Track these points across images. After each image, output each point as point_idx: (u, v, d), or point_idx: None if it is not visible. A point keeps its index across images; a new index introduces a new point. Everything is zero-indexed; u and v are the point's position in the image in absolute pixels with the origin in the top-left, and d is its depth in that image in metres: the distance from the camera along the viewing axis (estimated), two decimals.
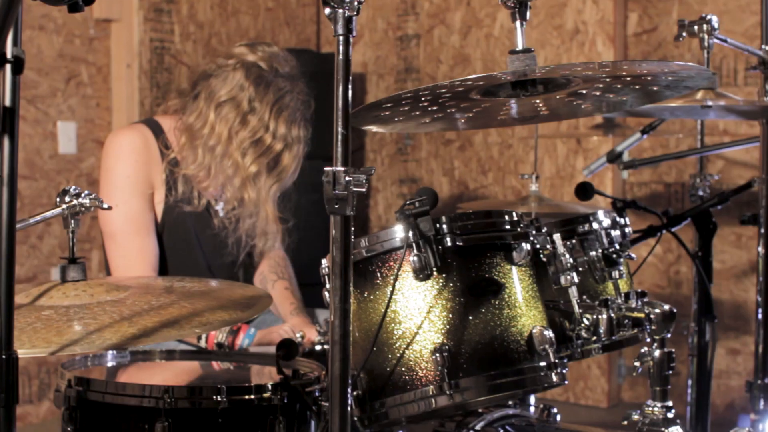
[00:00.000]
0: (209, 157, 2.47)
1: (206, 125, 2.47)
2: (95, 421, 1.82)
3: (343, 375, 1.47)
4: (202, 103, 2.50)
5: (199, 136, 2.48)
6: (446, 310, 1.73)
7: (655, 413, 1.87)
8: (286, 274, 2.68)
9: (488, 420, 2.01)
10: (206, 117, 2.48)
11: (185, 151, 2.51)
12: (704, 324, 2.36)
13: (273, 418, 1.81)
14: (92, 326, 1.48)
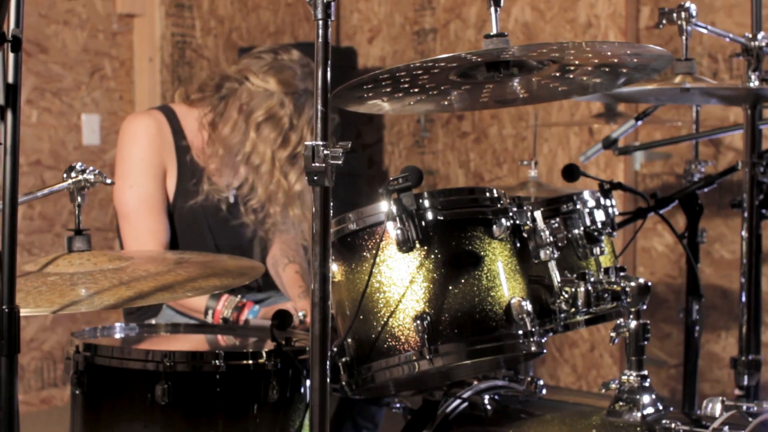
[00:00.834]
0: (253, 176, 2.58)
1: (247, 143, 2.56)
2: (101, 385, 1.94)
3: (322, 335, 1.57)
4: (236, 114, 2.57)
5: (239, 152, 2.57)
6: (427, 281, 1.83)
7: (631, 381, 1.96)
8: (297, 257, 2.79)
9: (476, 389, 2.11)
10: (246, 134, 2.56)
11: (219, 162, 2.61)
12: (691, 302, 2.45)
13: (267, 383, 1.93)
14: (93, 290, 1.60)
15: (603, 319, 2.14)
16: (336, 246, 1.93)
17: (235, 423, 1.91)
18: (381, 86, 1.75)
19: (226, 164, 2.66)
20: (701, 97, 2.26)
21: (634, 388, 1.95)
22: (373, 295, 1.86)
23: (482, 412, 2.03)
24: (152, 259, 1.87)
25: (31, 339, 4.22)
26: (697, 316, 2.46)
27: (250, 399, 1.93)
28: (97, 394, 1.95)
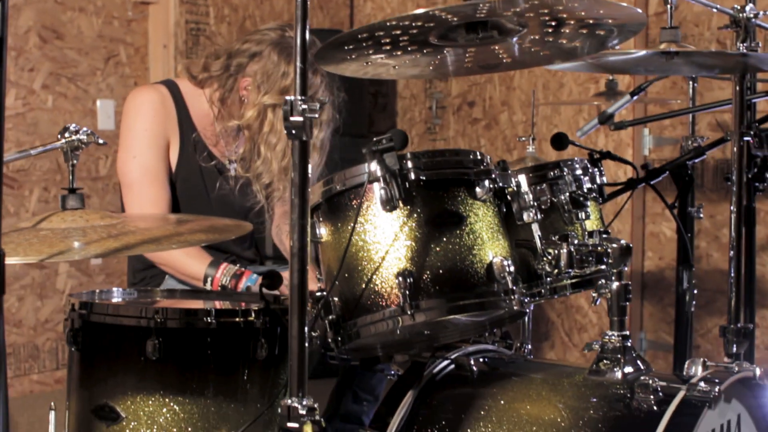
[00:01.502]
0: (271, 153, 2.63)
1: (266, 122, 2.62)
2: (96, 341, 2.00)
3: (300, 284, 1.62)
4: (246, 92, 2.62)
5: (259, 132, 2.63)
6: (410, 239, 1.87)
7: (613, 341, 1.99)
8: None
9: (464, 352, 2.15)
10: (263, 114, 2.62)
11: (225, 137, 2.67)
12: (682, 272, 2.48)
13: (256, 341, 1.98)
14: (81, 241, 1.66)
15: (590, 285, 2.17)
16: (323, 208, 1.98)
17: (224, 380, 1.97)
18: (363, 47, 1.79)
19: (230, 139, 2.72)
20: (689, 68, 2.29)
21: (616, 348, 1.99)
22: (357, 253, 1.91)
23: (468, 372, 2.07)
24: (143, 217, 1.93)
25: (46, 320, 4.31)
26: (687, 285, 2.49)
27: (240, 356, 1.98)
28: (91, 351, 2.01)
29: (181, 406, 1.95)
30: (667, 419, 1.78)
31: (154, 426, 1.95)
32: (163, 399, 1.95)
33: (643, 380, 1.86)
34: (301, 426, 1.65)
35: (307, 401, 1.64)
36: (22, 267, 4.22)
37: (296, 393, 1.65)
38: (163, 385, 1.95)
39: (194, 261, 2.57)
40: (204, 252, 2.60)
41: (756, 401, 2.03)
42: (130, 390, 1.96)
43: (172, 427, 1.95)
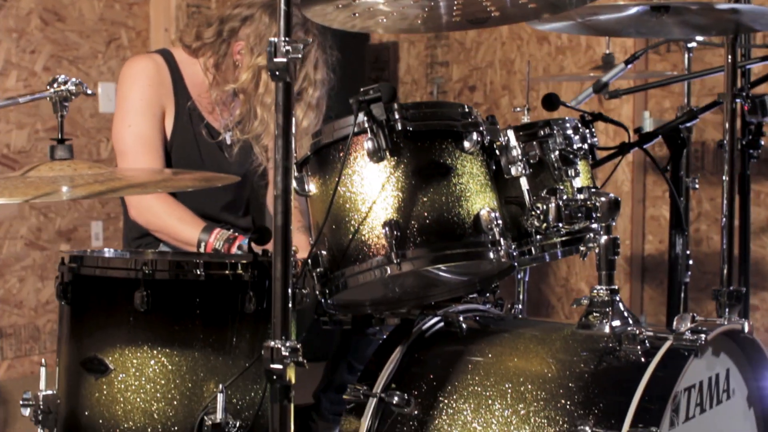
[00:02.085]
0: (268, 114, 2.64)
1: (260, 84, 2.63)
2: (86, 294, 2.02)
3: (284, 226, 1.63)
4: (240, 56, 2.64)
5: (254, 94, 2.64)
6: (397, 190, 1.87)
7: (601, 295, 1.99)
8: (298, 200, 2.85)
9: (453, 310, 2.15)
10: (259, 76, 2.63)
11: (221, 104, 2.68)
12: (675, 236, 2.47)
13: (244, 293, 1.98)
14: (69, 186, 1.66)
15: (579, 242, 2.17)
16: (311, 161, 1.98)
17: (213, 332, 1.97)
18: None
19: (225, 106, 2.73)
20: (680, 29, 2.29)
21: (605, 302, 1.99)
22: (344, 204, 1.91)
23: (457, 329, 2.07)
24: (131, 169, 1.94)
25: (47, 301, 4.32)
26: (679, 249, 2.49)
27: (228, 309, 1.98)
28: (81, 304, 2.02)
29: (169, 358, 1.96)
30: (652, 367, 1.77)
31: (142, 378, 1.95)
32: (151, 351, 1.96)
33: (631, 331, 1.86)
34: (284, 367, 1.65)
35: (290, 343, 1.64)
36: (23, 248, 4.24)
37: (279, 335, 1.65)
38: (151, 337, 1.96)
39: (187, 227, 2.58)
40: (197, 218, 2.61)
41: (745, 356, 2.02)
42: (118, 342, 1.97)
43: (160, 379, 1.95)
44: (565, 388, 1.83)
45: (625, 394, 1.75)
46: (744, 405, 2.06)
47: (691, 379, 1.84)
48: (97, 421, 1.98)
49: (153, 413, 1.95)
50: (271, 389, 1.67)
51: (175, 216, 2.60)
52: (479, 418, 1.87)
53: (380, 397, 1.98)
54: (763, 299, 4.30)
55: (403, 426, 1.95)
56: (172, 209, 2.61)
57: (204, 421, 1.93)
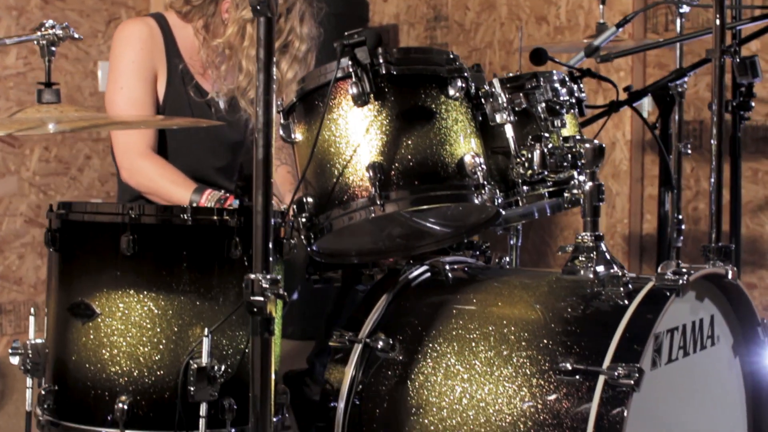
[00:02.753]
0: (253, 67, 2.65)
1: (246, 37, 2.64)
2: (74, 240, 2.03)
3: (265, 160, 1.64)
4: (227, 14, 2.66)
5: (240, 47, 2.65)
6: (381, 133, 1.89)
7: (586, 241, 2.00)
8: (289, 159, 2.86)
9: (441, 260, 2.16)
10: (244, 29, 2.65)
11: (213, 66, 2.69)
12: (664, 193, 2.48)
13: (230, 239, 1.99)
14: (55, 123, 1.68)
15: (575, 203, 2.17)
16: (297, 109, 2.00)
17: (199, 277, 1.98)
18: None
19: (218, 69, 2.74)
20: None
21: (589, 248, 1.99)
22: (329, 149, 1.92)
23: (443, 277, 2.08)
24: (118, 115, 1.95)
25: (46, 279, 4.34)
26: (668, 207, 2.50)
27: (214, 255, 1.99)
28: (69, 251, 2.03)
29: (155, 302, 1.97)
30: (634, 306, 1.78)
31: (128, 322, 1.97)
32: (137, 295, 1.97)
33: (614, 274, 1.87)
34: (265, 300, 1.66)
35: (271, 275, 1.65)
36: (23, 225, 4.26)
37: (260, 268, 1.66)
38: (137, 282, 1.97)
39: (179, 188, 2.58)
40: (189, 180, 2.62)
41: (729, 303, 2.03)
42: (105, 287, 1.98)
43: (146, 324, 1.96)
44: (548, 328, 1.84)
45: (607, 333, 1.76)
46: (729, 353, 2.06)
47: (674, 321, 1.85)
48: (83, 365, 1.99)
49: (139, 357, 1.97)
50: (251, 322, 1.68)
51: (167, 178, 2.61)
52: (462, 360, 1.88)
53: (365, 342, 1.99)
54: (761, 277, 4.30)
55: (387, 370, 1.96)
56: (164, 171, 2.62)
57: (189, 365, 1.94)
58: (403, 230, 2.15)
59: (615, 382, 1.68)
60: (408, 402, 1.90)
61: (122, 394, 1.96)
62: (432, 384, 1.89)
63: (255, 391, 1.69)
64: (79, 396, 2.00)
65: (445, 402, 1.86)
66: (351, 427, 1.97)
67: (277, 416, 2.15)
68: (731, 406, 2.08)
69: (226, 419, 1.99)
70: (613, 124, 4.55)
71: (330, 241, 2.06)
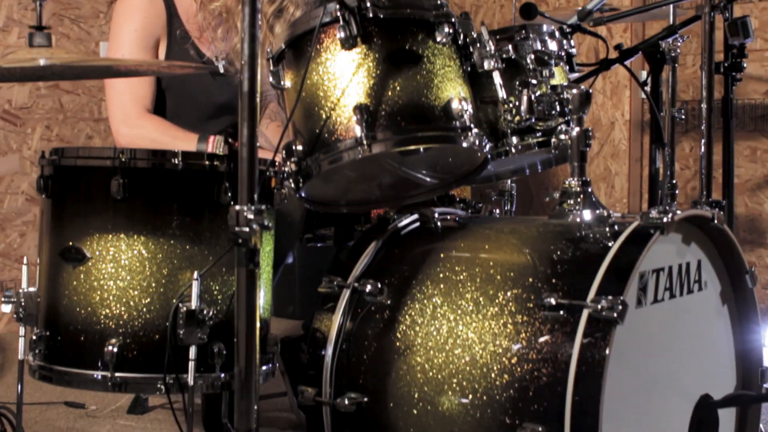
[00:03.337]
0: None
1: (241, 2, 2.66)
2: (65, 185, 2.04)
3: (250, 91, 1.65)
4: None
5: (235, 9, 2.67)
6: (368, 76, 1.90)
7: (573, 186, 2.01)
8: (279, 116, 2.87)
9: (431, 210, 2.16)
10: None
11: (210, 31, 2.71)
12: (654, 150, 2.49)
13: (220, 185, 2.01)
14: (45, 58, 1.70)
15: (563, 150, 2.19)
16: (287, 56, 2.01)
17: (189, 222, 1.99)
18: None
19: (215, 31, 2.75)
20: None
21: (577, 192, 2.00)
22: (316, 92, 1.94)
23: (432, 225, 2.09)
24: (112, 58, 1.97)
25: None
26: (659, 165, 2.50)
27: (204, 200, 2.01)
28: (61, 196, 2.05)
29: (145, 246, 1.98)
30: (619, 243, 1.79)
31: (118, 266, 1.98)
32: (128, 239, 1.98)
33: (600, 215, 1.88)
34: (250, 230, 1.68)
35: (256, 206, 1.67)
36: (24, 203, 4.29)
37: (245, 200, 1.68)
38: (128, 226, 1.98)
39: (183, 142, 2.58)
40: (189, 132, 2.62)
41: (716, 249, 2.03)
42: (96, 231, 1.99)
43: (136, 267, 1.98)
44: (534, 269, 1.85)
45: (591, 269, 1.77)
46: (717, 300, 2.07)
47: (659, 262, 1.86)
48: (74, 309, 2.00)
49: (129, 301, 1.98)
50: (236, 252, 1.70)
51: (169, 134, 2.62)
52: (449, 301, 1.89)
53: (353, 287, 2.00)
54: (760, 256, 4.30)
55: (375, 314, 1.97)
56: (164, 127, 2.63)
57: (179, 308, 1.96)
58: (393, 180, 2.16)
59: (598, 314, 1.69)
60: (395, 344, 1.92)
61: (112, 337, 1.97)
62: (419, 325, 1.90)
63: (240, 323, 1.70)
64: (69, 340, 2.02)
65: (432, 342, 1.87)
66: (339, 373, 1.98)
67: (267, 365, 2.17)
68: (720, 354, 2.09)
69: (216, 363, 2.01)
70: (612, 104, 4.57)
71: (319, 187, 2.08)
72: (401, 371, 1.89)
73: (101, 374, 1.98)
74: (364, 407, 1.93)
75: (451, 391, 1.82)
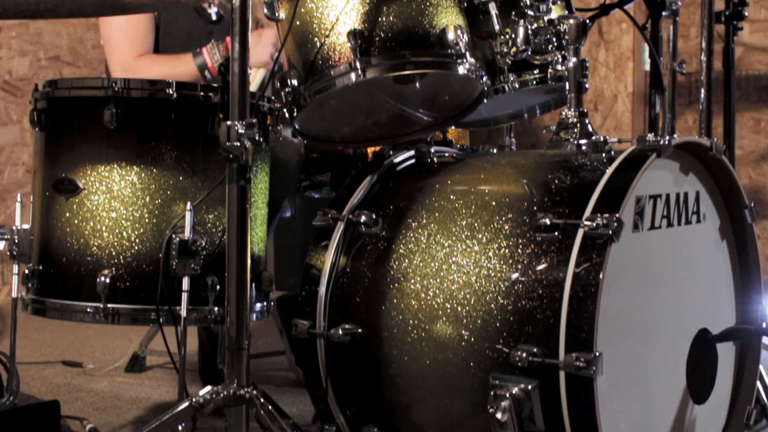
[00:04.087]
0: None
1: None
2: (59, 117, 2.03)
3: (242, 6, 1.64)
4: None
5: None
6: (362, 2, 1.89)
7: (569, 116, 1.99)
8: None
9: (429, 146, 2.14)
10: None
11: None
12: (654, 96, 2.47)
13: (213, 116, 1.99)
14: None
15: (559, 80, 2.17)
16: None
17: (182, 152, 1.98)
18: None
19: None
20: None
21: (573, 123, 1.99)
22: (310, 21, 1.92)
23: (428, 160, 2.07)
24: None
25: None
26: (659, 110, 2.48)
27: (198, 130, 1.99)
28: (54, 128, 2.04)
29: (138, 176, 1.97)
30: (614, 165, 1.77)
31: (111, 196, 1.97)
32: (121, 169, 1.97)
33: (596, 141, 1.86)
34: (241, 144, 1.66)
35: (247, 121, 1.65)
36: (25, 175, 4.28)
37: (236, 116, 1.67)
38: (121, 156, 1.97)
39: (179, 62, 2.55)
40: (182, 54, 2.58)
41: (715, 181, 2.01)
42: (88, 161, 1.98)
43: (129, 198, 1.97)
44: (529, 195, 1.82)
45: (586, 191, 1.74)
46: (716, 235, 2.05)
47: (657, 188, 1.83)
48: (66, 241, 1.99)
49: (122, 231, 1.97)
50: (227, 168, 1.69)
51: (167, 66, 2.58)
52: (443, 228, 1.87)
53: (348, 219, 1.98)
54: (764, 227, 4.27)
55: (370, 245, 1.95)
56: (161, 61, 2.61)
57: (172, 239, 1.94)
58: (389, 117, 2.15)
59: (594, 233, 1.66)
60: (390, 273, 1.89)
61: (104, 269, 1.96)
62: (413, 254, 1.88)
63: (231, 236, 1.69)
64: (62, 273, 2.00)
65: (427, 270, 1.85)
66: (333, 305, 1.95)
67: (262, 302, 2.15)
68: (719, 291, 2.06)
69: (209, 296, 1.99)
70: (615, 77, 4.55)
71: (315, 121, 2.07)
72: (395, 300, 1.87)
73: (93, 305, 1.96)
74: (358, 338, 1.91)
75: (445, 317, 1.80)
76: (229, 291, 1.69)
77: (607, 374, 1.64)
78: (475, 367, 1.75)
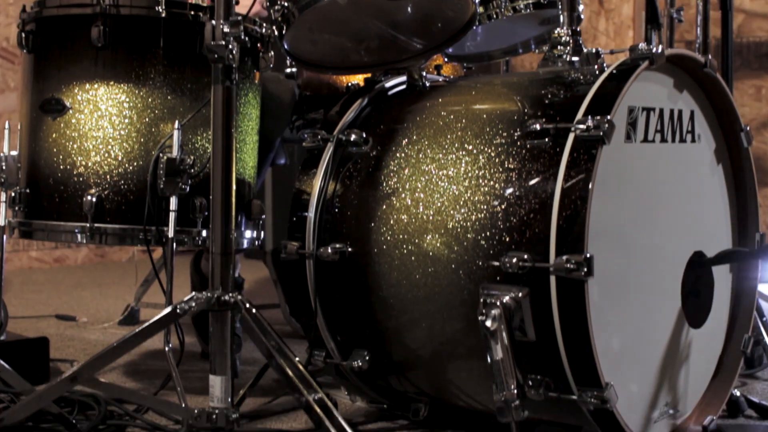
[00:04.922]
0: None
1: None
2: (46, 37, 2.02)
3: None
4: None
5: None
6: None
7: (561, 35, 1.96)
8: None
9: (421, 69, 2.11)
10: None
11: None
12: (650, 32, 2.44)
13: (202, 36, 1.96)
14: None
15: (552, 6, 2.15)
16: None
17: (170, 71, 1.97)
18: None
19: None
20: None
21: (566, 41, 1.96)
22: None
23: (420, 83, 2.05)
24: None
25: None
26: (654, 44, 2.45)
27: (186, 50, 1.98)
28: (42, 48, 2.03)
29: (126, 95, 1.95)
30: (606, 74, 1.74)
31: (99, 115, 1.95)
32: (108, 88, 1.95)
33: (589, 53, 1.83)
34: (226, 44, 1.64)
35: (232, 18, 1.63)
36: None
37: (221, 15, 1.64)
38: (108, 74, 1.96)
39: None
40: None
41: (710, 102, 1.98)
42: (76, 80, 1.97)
43: (117, 117, 1.95)
44: (521, 106, 1.80)
45: (577, 99, 1.72)
46: (711, 157, 2.02)
47: (650, 100, 1.80)
48: (53, 162, 1.97)
49: (109, 150, 1.95)
50: (212, 70, 1.66)
51: None
52: (434, 142, 1.85)
53: (338, 138, 1.96)
54: (765, 196, 4.23)
55: (359, 166, 1.93)
56: None
57: (159, 158, 1.92)
58: (381, 43, 2.12)
59: (585, 135, 1.64)
60: (380, 190, 1.87)
61: (91, 188, 1.94)
62: (403, 169, 1.85)
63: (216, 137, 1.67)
64: (49, 194, 1.99)
65: (417, 184, 1.82)
66: (322, 226, 1.93)
67: (252, 231, 2.13)
68: (714, 215, 2.03)
69: (197, 218, 1.97)
70: (615, 45, 4.52)
71: (305, 43, 2.04)
72: (385, 216, 1.84)
73: (79, 225, 1.94)
74: (348, 256, 1.88)
75: (434, 229, 1.77)
76: (214, 190, 1.66)
77: (598, 281, 1.61)
78: (465, 279, 1.73)
